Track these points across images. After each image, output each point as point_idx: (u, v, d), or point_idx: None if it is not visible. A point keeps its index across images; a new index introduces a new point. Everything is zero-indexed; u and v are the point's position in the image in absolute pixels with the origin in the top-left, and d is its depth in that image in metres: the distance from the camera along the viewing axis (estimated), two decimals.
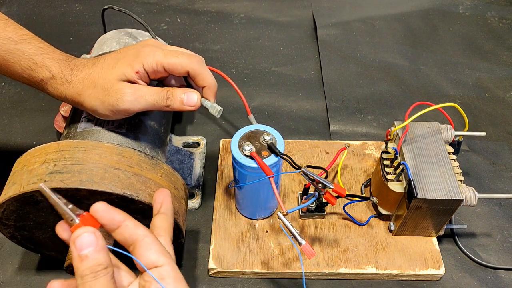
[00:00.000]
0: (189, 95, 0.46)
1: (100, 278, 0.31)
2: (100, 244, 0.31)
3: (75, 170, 0.41)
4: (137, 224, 0.35)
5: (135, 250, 0.34)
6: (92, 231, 0.32)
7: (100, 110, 0.46)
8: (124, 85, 0.45)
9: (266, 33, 0.91)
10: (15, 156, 0.45)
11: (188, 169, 0.64)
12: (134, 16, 0.61)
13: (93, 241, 0.31)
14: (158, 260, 0.33)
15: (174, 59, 0.45)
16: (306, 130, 0.73)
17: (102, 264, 0.31)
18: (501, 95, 0.80)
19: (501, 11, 0.97)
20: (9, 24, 0.46)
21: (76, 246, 0.31)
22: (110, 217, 0.34)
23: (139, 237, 0.34)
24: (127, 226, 0.34)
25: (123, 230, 0.34)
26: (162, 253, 0.34)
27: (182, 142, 0.68)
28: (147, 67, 0.45)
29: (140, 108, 0.45)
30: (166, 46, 0.48)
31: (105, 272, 0.31)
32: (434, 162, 0.53)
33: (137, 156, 0.44)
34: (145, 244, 0.34)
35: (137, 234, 0.34)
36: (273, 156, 0.49)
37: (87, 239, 0.31)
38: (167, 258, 0.34)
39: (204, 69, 0.46)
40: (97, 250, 0.31)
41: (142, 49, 0.45)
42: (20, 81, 0.47)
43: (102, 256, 0.31)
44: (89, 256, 0.31)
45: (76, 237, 0.31)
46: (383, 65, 0.85)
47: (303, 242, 0.41)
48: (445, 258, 0.57)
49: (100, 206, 0.34)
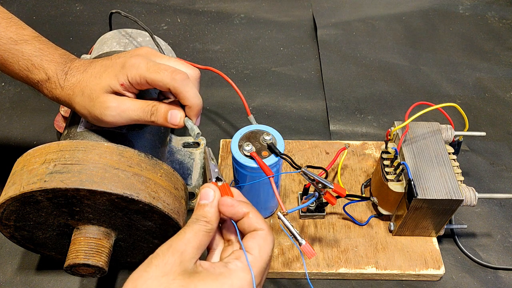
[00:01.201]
0: (173, 113, 0.44)
1: (196, 225, 0.36)
2: (213, 203, 0.37)
3: (75, 170, 0.41)
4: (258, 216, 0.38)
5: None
6: (213, 190, 0.38)
7: (89, 119, 0.46)
8: (108, 99, 0.43)
9: (266, 33, 0.91)
10: (15, 156, 0.45)
11: (188, 169, 0.64)
12: (140, 23, 0.61)
13: (209, 197, 0.37)
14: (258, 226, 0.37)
15: (155, 75, 0.42)
16: (306, 130, 0.73)
17: (205, 216, 0.36)
18: (501, 95, 0.80)
19: (501, 11, 0.97)
20: (12, 24, 0.46)
21: (200, 195, 0.38)
22: (233, 212, 0.38)
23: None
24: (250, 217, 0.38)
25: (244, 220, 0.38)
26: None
27: (182, 142, 0.68)
28: (131, 79, 0.43)
29: (125, 123, 0.44)
30: (157, 57, 0.46)
31: (204, 223, 0.36)
32: (434, 162, 0.53)
33: (137, 156, 0.44)
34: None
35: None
36: (273, 156, 0.49)
37: (206, 194, 0.38)
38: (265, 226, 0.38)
39: (187, 88, 0.43)
40: (209, 205, 0.37)
41: (129, 59, 0.44)
42: (19, 80, 0.47)
43: (207, 211, 0.37)
44: (201, 206, 0.37)
45: (202, 188, 0.38)
46: (383, 65, 0.85)
47: (303, 242, 0.40)
48: (445, 258, 0.57)
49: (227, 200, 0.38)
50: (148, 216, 0.44)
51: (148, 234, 0.47)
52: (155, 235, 0.47)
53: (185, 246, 0.34)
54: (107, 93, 0.43)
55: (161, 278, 0.32)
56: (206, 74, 0.59)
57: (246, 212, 0.37)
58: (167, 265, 0.33)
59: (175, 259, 0.33)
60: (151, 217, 0.44)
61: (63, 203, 0.42)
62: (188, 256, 0.34)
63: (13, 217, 0.44)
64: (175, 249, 0.34)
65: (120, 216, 0.44)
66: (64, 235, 0.47)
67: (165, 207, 0.43)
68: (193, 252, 0.35)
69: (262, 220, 0.37)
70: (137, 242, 0.49)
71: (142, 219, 0.44)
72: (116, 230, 0.46)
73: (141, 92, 0.46)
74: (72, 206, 0.43)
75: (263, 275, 0.36)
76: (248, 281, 0.34)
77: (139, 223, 0.45)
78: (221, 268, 0.34)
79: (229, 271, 0.34)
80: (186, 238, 0.35)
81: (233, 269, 0.34)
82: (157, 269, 0.33)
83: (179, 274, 0.33)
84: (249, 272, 0.34)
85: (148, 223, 0.45)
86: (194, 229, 0.35)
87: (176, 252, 0.34)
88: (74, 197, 0.41)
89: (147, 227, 0.46)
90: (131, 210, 0.43)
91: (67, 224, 0.46)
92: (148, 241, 0.48)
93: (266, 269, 0.37)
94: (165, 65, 0.44)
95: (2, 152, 0.68)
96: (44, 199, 0.42)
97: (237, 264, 0.34)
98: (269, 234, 0.37)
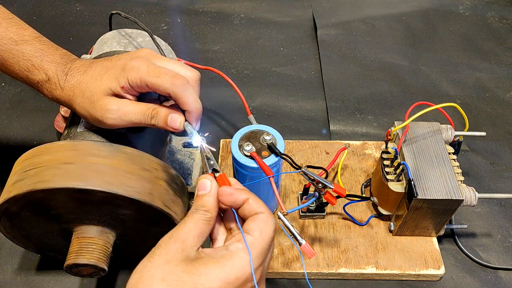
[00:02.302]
0: (173, 118, 0.44)
1: (195, 214, 0.37)
2: (211, 192, 0.38)
3: (30, 174, 0.42)
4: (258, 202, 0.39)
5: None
6: (210, 180, 0.38)
7: (89, 121, 0.46)
8: (109, 101, 0.43)
9: (266, 33, 0.91)
10: (15, 156, 0.45)
11: (188, 169, 0.64)
12: (140, 24, 0.61)
13: (207, 187, 0.38)
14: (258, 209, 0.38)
15: (155, 79, 0.42)
16: (306, 130, 0.73)
17: (204, 206, 0.37)
18: (501, 95, 0.80)
19: (501, 11, 0.97)
20: (12, 24, 0.46)
21: (197, 186, 0.39)
22: (233, 200, 0.38)
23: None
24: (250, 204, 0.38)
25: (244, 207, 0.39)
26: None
27: (182, 142, 0.68)
28: (131, 82, 0.43)
29: (125, 125, 0.44)
30: (157, 59, 0.46)
31: (203, 212, 0.37)
32: (434, 162, 0.53)
33: (93, 146, 0.43)
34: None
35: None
36: (273, 156, 0.49)
37: (203, 184, 0.38)
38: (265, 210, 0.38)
39: (187, 93, 0.43)
40: (207, 194, 0.38)
41: (130, 61, 0.44)
42: (19, 81, 0.47)
43: (206, 200, 0.37)
44: (199, 197, 0.38)
45: (199, 179, 0.39)
46: (383, 65, 0.85)
47: (303, 242, 0.40)
48: (445, 258, 0.57)
49: (225, 190, 0.39)
50: (116, 203, 0.43)
51: (139, 225, 0.46)
52: (145, 224, 0.46)
53: (186, 235, 0.35)
54: (107, 96, 0.44)
55: (164, 266, 0.33)
56: (206, 74, 0.59)
57: (245, 198, 0.38)
58: (169, 253, 0.34)
59: (177, 246, 0.34)
60: (119, 204, 0.43)
61: (39, 210, 0.43)
62: (189, 244, 0.35)
63: (13, 218, 0.45)
64: (177, 238, 0.35)
65: (100, 212, 0.44)
66: (65, 236, 0.47)
67: (127, 191, 0.41)
68: (194, 240, 0.35)
69: (262, 204, 0.38)
70: (137, 237, 0.48)
71: (116, 208, 0.44)
72: (112, 228, 0.46)
73: (141, 94, 0.46)
74: (49, 211, 0.43)
75: (265, 256, 0.37)
76: (249, 261, 0.34)
77: (120, 214, 0.44)
78: (222, 251, 0.35)
79: (229, 253, 0.35)
80: (187, 227, 0.36)
81: (233, 250, 0.35)
82: (160, 258, 0.34)
83: (182, 260, 0.34)
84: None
85: (124, 211, 0.44)
86: (194, 218, 0.36)
87: (178, 240, 0.35)
88: (39, 202, 0.42)
89: (129, 217, 0.45)
90: (98, 202, 0.42)
91: (62, 227, 0.46)
92: (147, 232, 0.48)
93: (269, 250, 0.37)
94: (165, 69, 0.44)
95: (2, 152, 0.68)
96: (18, 209, 0.43)
97: (237, 246, 0.35)
98: (270, 216, 0.37)
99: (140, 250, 0.50)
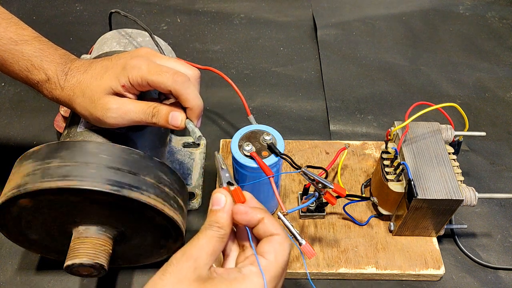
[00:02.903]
0: (174, 115, 0.44)
1: (209, 230, 0.36)
2: (225, 208, 0.37)
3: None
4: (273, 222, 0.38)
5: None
6: (225, 195, 0.37)
7: (89, 120, 0.46)
8: (110, 100, 0.43)
9: (266, 33, 0.91)
10: (15, 156, 0.45)
11: (188, 169, 0.64)
12: (139, 22, 0.61)
13: (221, 202, 0.37)
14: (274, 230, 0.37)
15: (156, 77, 0.42)
16: (306, 130, 0.73)
17: (218, 222, 0.36)
18: (501, 95, 0.80)
19: (501, 11, 0.97)
20: (12, 24, 0.46)
21: (211, 201, 0.38)
22: (248, 219, 0.38)
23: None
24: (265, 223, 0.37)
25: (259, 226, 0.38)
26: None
27: (182, 142, 0.68)
28: (132, 81, 0.43)
29: (126, 124, 0.44)
30: (157, 57, 0.46)
31: (217, 229, 0.36)
32: (434, 162, 0.53)
33: (93, 146, 0.43)
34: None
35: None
36: (273, 156, 0.49)
37: (217, 199, 0.37)
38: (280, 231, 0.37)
39: (189, 90, 0.43)
40: (221, 210, 0.37)
41: (130, 60, 0.44)
42: (19, 81, 0.47)
43: (220, 216, 0.36)
44: (213, 212, 0.37)
45: (213, 193, 0.38)
46: (383, 65, 0.85)
47: (304, 242, 0.40)
48: (445, 258, 0.57)
49: (240, 208, 0.38)
50: (116, 204, 0.43)
51: (139, 225, 0.46)
52: (145, 224, 0.46)
53: (199, 252, 0.34)
54: (108, 95, 0.43)
55: (175, 285, 0.32)
56: (206, 74, 0.59)
57: (260, 218, 0.37)
58: (181, 271, 0.33)
59: (189, 265, 0.33)
60: (119, 204, 0.43)
61: (39, 210, 0.44)
62: (202, 262, 0.34)
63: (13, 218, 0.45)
64: (189, 256, 0.34)
65: (100, 212, 0.44)
66: (65, 236, 0.47)
67: (127, 192, 0.42)
68: (207, 258, 0.34)
69: (278, 225, 0.37)
70: (137, 237, 0.48)
71: (116, 208, 0.44)
72: (112, 228, 0.46)
73: (142, 93, 0.46)
74: (50, 211, 0.44)
75: (279, 280, 0.36)
76: (262, 286, 0.33)
77: (120, 214, 0.44)
78: (235, 274, 0.34)
79: (242, 276, 0.34)
80: (200, 244, 0.35)
81: (247, 274, 0.34)
82: (171, 276, 0.33)
83: (194, 280, 0.33)
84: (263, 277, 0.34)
85: (124, 211, 0.44)
86: (208, 235, 0.35)
87: (190, 258, 0.34)
88: (41, 202, 0.42)
89: (129, 217, 0.45)
90: (99, 202, 0.42)
91: (62, 227, 0.46)
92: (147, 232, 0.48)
93: (282, 274, 0.36)
94: (166, 67, 0.44)
95: (2, 152, 0.68)
96: (19, 209, 0.43)
97: (251, 269, 0.34)
98: (286, 239, 0.36)
99: (140, 250, 0.51)
